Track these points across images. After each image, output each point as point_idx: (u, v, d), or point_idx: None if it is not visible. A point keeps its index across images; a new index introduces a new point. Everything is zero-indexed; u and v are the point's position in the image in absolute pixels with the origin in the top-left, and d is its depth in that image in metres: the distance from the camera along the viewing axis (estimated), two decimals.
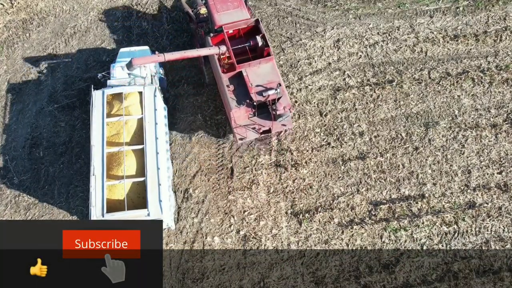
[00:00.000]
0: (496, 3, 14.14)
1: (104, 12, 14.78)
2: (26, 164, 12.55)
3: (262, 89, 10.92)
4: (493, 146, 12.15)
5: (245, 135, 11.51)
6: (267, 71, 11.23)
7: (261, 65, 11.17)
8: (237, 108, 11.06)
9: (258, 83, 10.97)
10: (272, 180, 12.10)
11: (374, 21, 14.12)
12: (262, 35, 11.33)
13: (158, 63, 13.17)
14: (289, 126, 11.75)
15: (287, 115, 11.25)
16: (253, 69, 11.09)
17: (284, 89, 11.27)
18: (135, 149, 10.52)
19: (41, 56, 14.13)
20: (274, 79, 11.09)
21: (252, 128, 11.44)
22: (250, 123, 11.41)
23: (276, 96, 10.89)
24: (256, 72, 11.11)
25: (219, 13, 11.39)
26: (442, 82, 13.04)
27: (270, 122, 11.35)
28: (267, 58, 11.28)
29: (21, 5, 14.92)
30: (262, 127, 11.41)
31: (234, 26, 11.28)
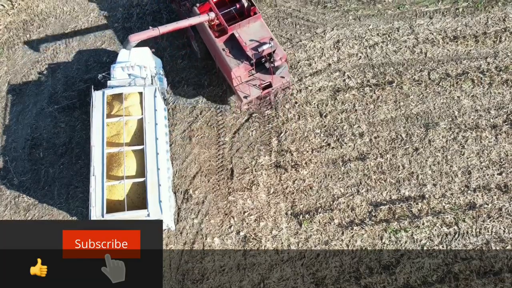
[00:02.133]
0: (496, 4, 14.17)
1: (104, 14, 14.82)
2: (26, 165, 12.55)
3: (257, 45, 11.58)
4: (493, 147, 12.16)
5: (248, 93, 11.91)
6: (257, 29, 11.91)
7: (250, 24, 11.85)
8: (236, 66, 11.62)
9: (251, 41, 11.65)
10: (272, 181, 12.10)
11: (374, 22, 14.15)
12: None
13: (159, 64, 13.26)
14: (287, 79, 12.23)
15: (284, 66, 11.82)
16: (244, 29, 11.77)
17: (276, 42, 11.90)
18: (135, 150, 10.52)
19: (41, 57, 14.16)
20: (265, 35, 11.78)
21: (254, 85, 11.95)
22: (251, 81, 11.94)
23: (271, 50, 11.50)
24: (247, 32, 11.78)
25: None
26: (442, 83, 13.05)
27: (270, 76, 11.84)
28: (255, 16, 11.94)
29: (22, 6, 14.96)
30: (263, 82, 11.87)
31: None
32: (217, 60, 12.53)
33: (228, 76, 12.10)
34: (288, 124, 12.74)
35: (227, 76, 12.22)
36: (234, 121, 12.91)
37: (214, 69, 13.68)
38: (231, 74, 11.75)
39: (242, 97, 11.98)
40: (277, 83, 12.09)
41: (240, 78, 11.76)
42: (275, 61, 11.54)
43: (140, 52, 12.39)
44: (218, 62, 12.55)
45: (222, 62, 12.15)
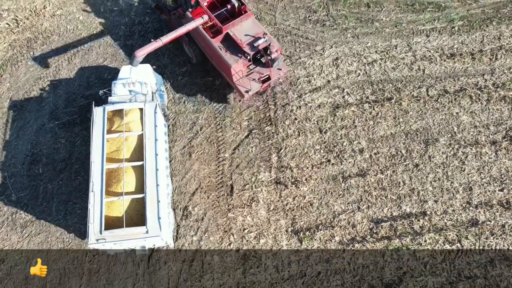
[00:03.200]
0: (490, 23, 14.44)
1: (107, 31, 15.06)
2: (25, 181, 12.48)
3: (252, 41, 12.02)
4: (494, 163, 12.13)
5: (249, 87, 12.29)
6: (250, 26, 12.36)
7: (243, 22, 12.31)
8: (235, 63, 12.00)
9: (246, 38, 12.08)
10: (272, 197, 12.01)
11: (372, 40, 14.36)
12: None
13: (160, 81, 13.39)
14: (284, 70, 12.75)
15: (280, 58, 12.28)
16: (237, 27, 12.22)
17: (270, 36, 12.34)
18: (134, 166, 10.47)
19: (44, 74, 14.30)
20: (259, 31, 12.25)
21: (253, 80, 12.36)
22: (250, 76, 12.35)
23: (266, 44, 11.95)
24: (240, 30, 12.23)
25: None
26: (440, 100, 13.14)
27: (268, 69, 12.31)
28: (246, 14, 12.39)
29: (27, 25, 15.22)
30: (261, 75, 12.32)
31: None
32: (215, 60, 12.81)
33: (228, 73, 12.33)
34: (288, 140, 12.74)
35: (227, 74, 12.48)
36: (234, 137, 12.93)
37: (214, 85, 13.81)
38: (230, 71, 12.06)
39: (243, 92, 12.27)
40: (275, 75, 12.54)
41: (239, 74, 12.12)
42: (271, 53, 11.98)
43: (141, 69, 12.53)
44: (217, 62, 12.82)
45: (220, 61, 12.44)
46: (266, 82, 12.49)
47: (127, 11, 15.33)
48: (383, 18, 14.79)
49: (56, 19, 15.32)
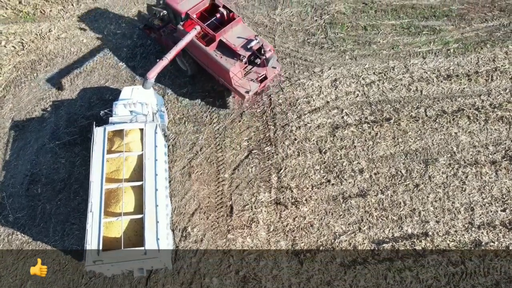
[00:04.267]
0: (484, 45, 14.75)
1: (110, 53, 15.35)
2: (23, 201, 12.39)
3: (245, 44, 12.63)
4: (494, 183, 12.09)
5: (249, 87, 12.84)
6: (241, 30, 12.99)
7: (233, 28, 12.95)
8: (232, 66, 12.51)
9: (238, 42, 12.64)
10: (272, 218, 11.89)
11: (369, 62, 14.63)
12: (222, 6, 13.29)
13: (161, 101, 13.55)
14: (278, 68, 13.53)
15: (273, 57, 12.99)
16: (229, 33, 12.83)
17: (261, 38, 13.04)
18: (134, 186, 10.43)
19: (46, 94, 14.48)
20: (249, 34, 12.90)
21: (251, 81, 12.94)
22: (248, 77, 12.94)
23: (259, 45, 12.63)
24: (232, 35, 12.83)
25: (179, 3, 13.25)
26: (438, 120, 13.25)
27: (263, 69, 12.98)
28: (236, 20, 13.04)
29: (32, 47, 15.55)
30: (258, 75, 12.98)
31: (196, 9, 13.23)
32: (212, 67, 13.23)
33: (227, 78, 12.76)
34: (287, 160, 12.75)
35: (225, 78, 12.89)
36: (234, 158, 12.94)
37: (215, 106, 13.96)
38: (229, 74, 12.54)
39: (243, 93, 12.79)
40: (271, 74, 13.23)
41: (238, 76, 12.69)
42: (265, 52, 12.65)
43: (142, 90, 12.69)
44: (214, 69, 13.24)
45: (217, 67, 12.89)
46: (264, 81, 13.16)
47: (130, 34, 15.70)
48: (380, 41, 15.12)
49: (60, 42, 15.67)
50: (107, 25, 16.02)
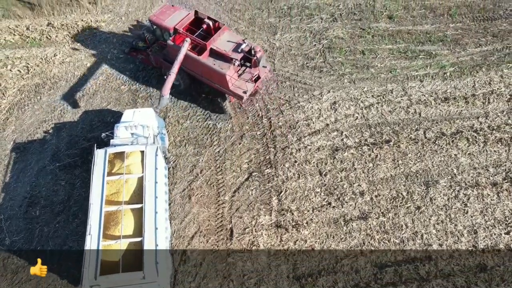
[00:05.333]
0: (480, 69, 15.04)
1: (112, 76, 15.62)
2: (21, 223, 12.25)
3: (235, 48, 13.30)
4: (497, 205, 12.00)
5: (245, 88, 13.34)
6: (228, 37, 13.72)
7: (221, 36, 13.70)
8: (228, 70, 13.08)
9: (229, 47, 13.31)
10: (273, 241, 11.72)
11: (368, 85, 14.86)
12: (207, 17, 13.99)
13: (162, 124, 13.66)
14: (268, 67, 14.27)
15: (263, 57, 13.75)
16: (218, 41, 13.52)
17: (249, 41, 13.78)
18: (133, 208, 10.34)
19: (49, 117, 14.62)
20: (237, 39, 13.66)
21: (246, 82, 13.43)
22: (242, 80, 13.47)
23: (248, 47, 13.33)
24: (222, 42, 13.51)
25: (165, 20, 13.87)
26: (438, 142, 13.31)
27: (256, 69, 13.59)
28: (222, 28, 13.80)
29: (36, 71, 15.85)
30: (252, 75, 13.57)
31: (182, 23, 13.85)
32: (207, 75, 13.78)
33: (223, 82, 13.34)
34: (288, 183, 12.71)
35: (222, 83, 13.43)
36: (234, 180, 12.90)
37: (215, 129, 14.06)
38: (225, 78, 13.10)
39: (241, 93, 13.28)
40: (263, 73, 13.93)
41: (233, 79, 13.23)
42: (256, 53, 13.30)
43: (144, 113, 12.83)
44: (209, 76, 13.77)
45: (213, 74, 13.46)
46: (257, 81, 13.76)
47: (132, 58, 16.02)
48: (378, 65, 15.43)
49: (65, 66, 15.98)
50: (111, 50, 16.39)
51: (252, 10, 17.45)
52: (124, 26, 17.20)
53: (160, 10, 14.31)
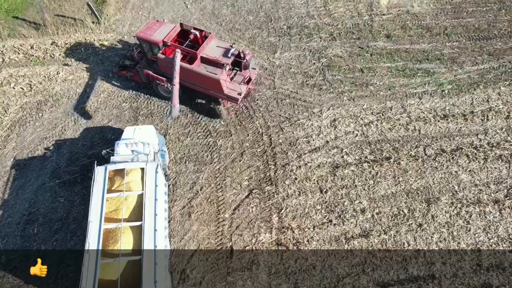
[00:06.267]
0: (477, 87, 15.22)
1: (114, 94, 15.77)
2: (18, 241, 12.09)
3: (225, 54, 13.88)
4: (499, 222, 11.90)
5: (239, 90, 13.94)
6: (216, 44, 14.29)
7: (209, 44, 14.24)
8: (221, 75, 13.61)
9: (218, 54, 13.89)
10: (273, 260, 11.55)
11: (367, 102, 14.99)
12: (193, 28, 14.52)
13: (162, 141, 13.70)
14: (257, 69, 15.09)
15: (252, 59, 14.52)
16: (207, 49, 14.06)
17: (237, 46, 14.45)
18: (133, 226, 10.24)
19: (50, 134, 14.67)
20: (225, 45, 14.24)
21: (239, 84, 14.00)
22: (236, 82, 14.09)
23: (237, 52, 13.96)
24: (210, 50, 14.06)
25: (153, 35, 14.19)
26: (438, 159, 13.32)
27: (246, 71, 14.34)
28: (209, 37, 14.39)
29: (39, 88, 16.02)
30: (244, 77, 14.22)
31: (170, 36, 14.24)
32: (201, 82, 14.16)
33: (218, 87, 13.87)
34: (288, 200, 12.64)
35: (217, 89, 13.99)
36: (234, 197, 12.83)
37: (216, 146, 14.09)
38: (220, 83, 13.64)
39: (236, 96, 13.90)
40: (253, 75, 14.68)
41: (227, 83, 13.86)
42: (245, 55, 13.94)
43: (144, 130, 12.87)
44: (202, 83, 14.15)
45: (207, 80, 13.87)
46: (249, 82, 14.47)
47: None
48: (377, 82, 15.61)
49: (67, 84, 16.16)
50: (112, 68, 16.61)
51: (252, 30, 17.80)
52: (126, 45, 17.49)
53: (146, 26, 14.66)
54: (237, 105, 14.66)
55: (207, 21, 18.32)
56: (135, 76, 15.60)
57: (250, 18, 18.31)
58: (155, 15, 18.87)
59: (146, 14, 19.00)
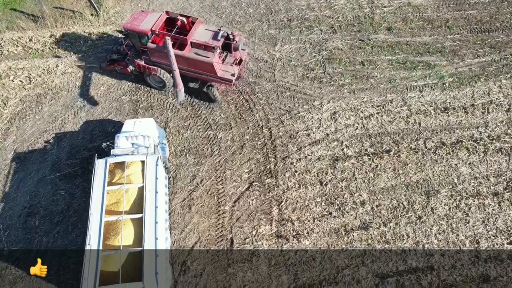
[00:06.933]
0: (478, 79, 15.17)
1: (113, 87, 15.74)
2: (20, 234, 12.17)
3: (214, 37, 14.01)
4: (498, 215, 11.96)
5: (232, 71, 14.13)
6: (204, 29, 14.37)
7: (197, 29, 14.32)
8: (213, 57, 13.77)
9: (207, 38, 14.01)
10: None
11: (368, 95, 14.96)
12: (179, 15, 14.61)
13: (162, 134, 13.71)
14: (247, 50, 15.15)
15: (241, 40, 14.55)
16: (196, 34, 14.17)
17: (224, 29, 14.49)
18: (133, 218, 10.30)
19: (50, 127, 14.67)
20: (213, 29, 14.37)
21: (231, 66, 14.20)
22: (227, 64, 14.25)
23: (226, 34, 14.06)
24: (199, 35, 14.17)
25: (140, 25, 14.17)
26: (438, 151, 13.34)
27: (237, 53, 14.47)
28: (197, 22, 14.45)
29: (38, 81, 15.97)
30: (235, 59, 14.43)
31: (157, 24, 14.25)
32: (194, 67, 14.23)
33: (211, 70, 14.01)
34: (288, 192, 12.69)
35: (210, 72, 14.10)
36: (235, 190, 12.88)
37: (216, 139, 14.10)
38: (213, 66, 13.80)
39: (229, 77, 14.07)
40: (244, 55, 14.79)
41: (219, 66, 14.05)
42: (235, 37, 14.11)
43: (144, 123, 12.87)
44: (196, 68, 14.23)
45: (200, 65, 14.00)
46: (240, 63, 14.59)
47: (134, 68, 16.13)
48: (377, 75, 15.56)
49: (66, 76, 16.11)
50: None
51: (252, 22, 17.70)
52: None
53: (132, 17, 14.52)
54: (231, 86, 14.83)
55: (207, 13, 18.21)
56: (124, 69, 15.48)
57: (250, 11, 18.20)
58: (154, 7, 18.76)
59: (145, 7, 18.88)
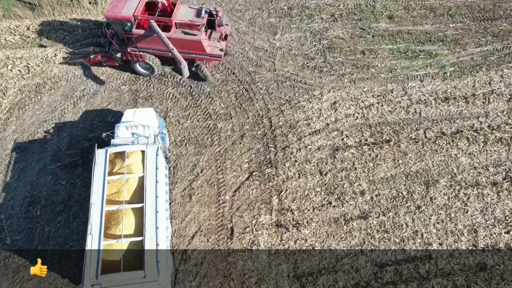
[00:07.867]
0: (480, 69, 15.07)
1: (113, 76, 15.64)
2: (22, 223, 12.27)
3: (197, 15, 14.39)
4: (497, 204, 12.03)
5: (220, 46, 14.65)
6: (186, 8, 14.77)
7: (179, 10, 14.64)
8: (201, 35, 14.15)
9: (191, 17, 14.38)
10: (273, 241, 11.75)
11: (368, 85, 14.89)
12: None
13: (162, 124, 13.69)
14: (230, 24, 15.85)
15: (224, 15, 15.12)
16: (178, 15, 14.47)
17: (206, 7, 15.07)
18: (134, 208, 10.36)
19: (49, 117, 14.63)
20: (195, 8, 14.70)
21: (218, 42, 14.73)
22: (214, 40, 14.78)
23: (208, 11, 14.58)
24: (182, 15, 14.49)
25: (122, 12, 14.07)
26: (438, 141, 13.34)
27: (221, 28, 15.02)
28: (178, 3, 14.76)
29: (37, 71, 15.86)
30: (221, 34, 14.98)
31: (139, 9, 14.25)
32: (182, 48, 14.35)
33: (200, 48, 14.35)
34: (288, 182, 12.74)
35: (199, 50, 14.42)
36: (235, 180, 12.93)
37: (216, 129, 14.08)
38: (201, 43, 14.16)
39: (219, 52, 14.47)
40: (228, 30, 15.39)
41: (207, 43, 14.44)
42: (218, 12, 14.57)
43: (144, 113, 12.84)
44: (184, 48, 14.40)
45: (188, 44, 14.28)
46: (226, 38, 15.14)
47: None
48: (378, 65, 15.46)
49: (65, 66, 16.00)
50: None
51: (252, 10, 17.49)
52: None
53: (112, 5, 14.21)
54: (221, 62, 15.07)
55: (206, 2, 17.98)
56: (109, 61, 15.28)
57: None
58: None
59: None
